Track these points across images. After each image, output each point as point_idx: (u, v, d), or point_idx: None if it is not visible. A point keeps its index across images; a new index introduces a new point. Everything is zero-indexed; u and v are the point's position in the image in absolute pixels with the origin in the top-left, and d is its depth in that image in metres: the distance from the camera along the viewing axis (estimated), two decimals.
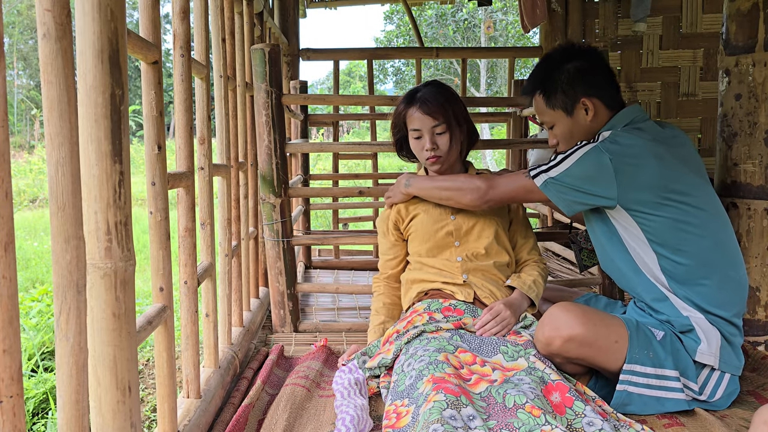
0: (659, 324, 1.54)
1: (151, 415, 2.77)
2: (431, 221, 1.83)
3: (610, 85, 1.63)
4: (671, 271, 1.52)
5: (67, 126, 0.80)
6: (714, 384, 1.49)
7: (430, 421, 1.20)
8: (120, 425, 0.95)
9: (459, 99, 1.85)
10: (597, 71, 1.62)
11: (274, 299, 2.20)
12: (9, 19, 25.72)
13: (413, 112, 1.78)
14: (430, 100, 1.76)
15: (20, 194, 10.47)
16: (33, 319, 3.73)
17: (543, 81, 1.65)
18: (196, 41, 1.61)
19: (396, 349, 1.60)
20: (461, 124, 1.81)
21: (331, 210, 4.54)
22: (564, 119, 1.64)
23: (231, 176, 1.89)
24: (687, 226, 1.50)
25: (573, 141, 1.65)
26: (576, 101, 1.61)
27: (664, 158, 1.51)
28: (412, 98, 1.80)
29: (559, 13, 3.81)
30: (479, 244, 1.81)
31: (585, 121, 1.62)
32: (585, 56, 1.63)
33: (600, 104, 1.61)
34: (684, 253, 1.50)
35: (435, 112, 1.75)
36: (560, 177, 1.54)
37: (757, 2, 1.83)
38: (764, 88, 1.82)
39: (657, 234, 1.51)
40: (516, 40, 19.16)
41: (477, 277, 1.77)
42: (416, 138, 1.79)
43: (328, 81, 33.40)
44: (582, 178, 1.52)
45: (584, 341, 1.45)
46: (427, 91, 1.80)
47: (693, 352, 1.48)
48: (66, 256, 0.80)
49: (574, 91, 1.60)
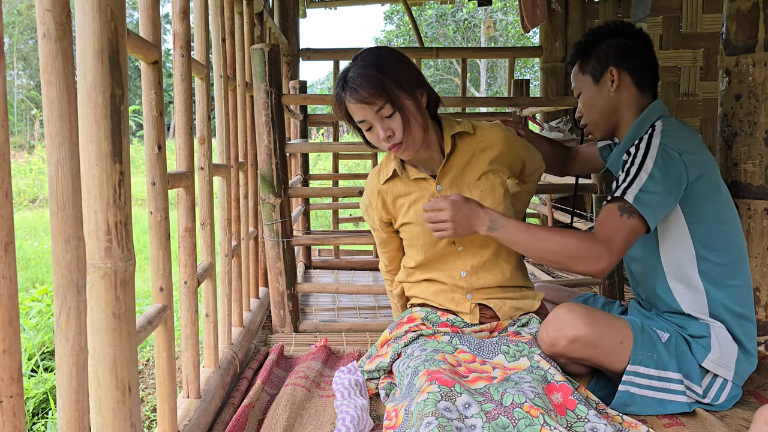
0: (666, 325, 1.53)
1: (151, 415, 2.77)
2: (427, 232, 1.57)
3: (647, 68, 1.60)
4: (707, 273, 1.50)
5: (67, 126, 0.80)
6: (718, 388, 1.49)
7: (425, 413, 1.18)
8: (120, 425, 0.95)
9: (399, 61, 1.48)
10: (637, 51, 1.60)
11: (274, 299, 2.20)
12: (9, 19, 25.72)
13: (349, 102, 1.46)
14: (360, 83, 1.42)
15: (20, 194, 10.48)
16: (33, 319, 3.73)
17: (584, 47, 1.64)
18: (196, 41, 1.61)
19: (393, 352, 1.57)
20: (412, 92, 1.47)
21: (331, 210, 4.54)
22: (590, 86, 1.62)
23: (231, 176, 1.89)
24: (723, 225, 1.51)
25: (594, 111, 1.63)
26: (605, 70, 1.59)
27: (708, 150, 1.52)
28: (343, 85, 1.47)
29: (559, 13, 3.81)
30: (486, 247, 1.60)
31: (608, 91, 1.60)
32: (632, 37, 1.60)
33: (628, 80, 1.59)
34: (720, 252, 1.50)
35: (371, 96, 1.42)
36: (645, 187, 1.43)
37: (757, 2, 1.82)
38: (764, 88, 1.82)
39: (701, 231, 1.50)
40: (516, 40, 19.16)
41: (482, 293, 1.61)
42: (367, 130, 1.50)
43: (328, 81, 33.39)
44: (664, 181, 1.43)
45: (589, 342, 1.45)
46: (355, 72, 1.44)
47: (701, 357, 1.48)
48: (66, 256, 0.80)
49: (606, 60, 1.59)
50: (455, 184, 1.59)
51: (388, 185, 1.64)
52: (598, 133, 1.67)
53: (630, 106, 1.60)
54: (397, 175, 1.63)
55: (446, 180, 1.60)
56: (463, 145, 1.61)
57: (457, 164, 1.60)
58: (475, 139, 1.61)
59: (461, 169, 1.60)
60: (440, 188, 1.60)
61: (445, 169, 1.60)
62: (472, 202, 1.48)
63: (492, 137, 1.61)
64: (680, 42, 3.86)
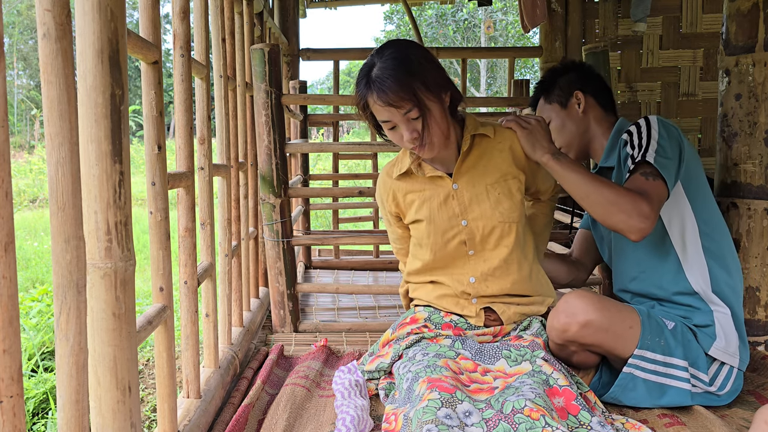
0: (670, 316, 1.56)
1: (151, 415, 2.77)
2: (438, 232, 1.56)
3: (605, 91, 1.77)
4: (709, 249, 1.57)
5: (67, 126, 0.80)
6: (725, 377, 1.51)
7: (424, 420, 1.17)
8: (120, 425, 0.95)
9: (426, 61, 1.44)
10: (594, 78, 1.78)
11: (274, 299, 2.20)
12: (9, 19, 25.72)
13: (374, 102, 1.42)
14: (389, 85, 1.38)
15: (20, 194, 10.48)
16: (33, 319, 3.73)
17: (545, 85, 1.81)
18: (196, 41, 1.61)
19: (394, 353, 1.57)
20: (438, 94, 1.44)
21: (331, 210, 4.54)
22: (558, 112, 1.77)
23: (231, 176, 1.89)
24: (714, 204, 1.62)
25: (565, 133, 1.76)
26: (570, 95, 1.75)
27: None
28: (367, 82, 1.42)
29: (559, 13, 3.81)
30: (498, 254, 1.56)
31: (578, 114, 1.74)
32: (584, 68, 1.81)
33: (592, 101, 1.75)
34: (718, 230, 1.59)
35: (400, 99, 1.38)
36: (659, 152, 1.50)
37: (757, 2, 1.82)
38: (764, 88, 1.82)
39: (701, 207, 1.58)
40: (516, 40, 19.17)
41: (489, 298, 1.59)
42: (390, 129, 1.47)
43: (328, 81, 33.39)
44: (671, 149, 1.52)
45: (600, 326, 1.46)
46: (382, 71, 1.40)
47: (707, 346, 1.51)
48: (66, 256, 0.80)
49: (569, 87, 1.75)
50: (472, 184, 1.57)
51: (401, 180, 1.62)
52: (572, 153, 1.78)
53: (599, 123, 1.75)
54: (411, 172, 1.61)
55: (463, 179, 1.57)
56: (481, 145, 1.59)
57: (474, 164, 1.58)
58: (493, 141, 1.59)
59: (479, 169, 1.58)
60: (456, 186, 1.57)
61: (461, 168, 1.57)
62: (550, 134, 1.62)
63: (509, 135, 1.60)
64: (680, 42, 3.86)
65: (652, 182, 1.46)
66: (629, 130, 1.59)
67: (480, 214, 1.55)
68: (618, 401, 1.51)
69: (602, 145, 1.74)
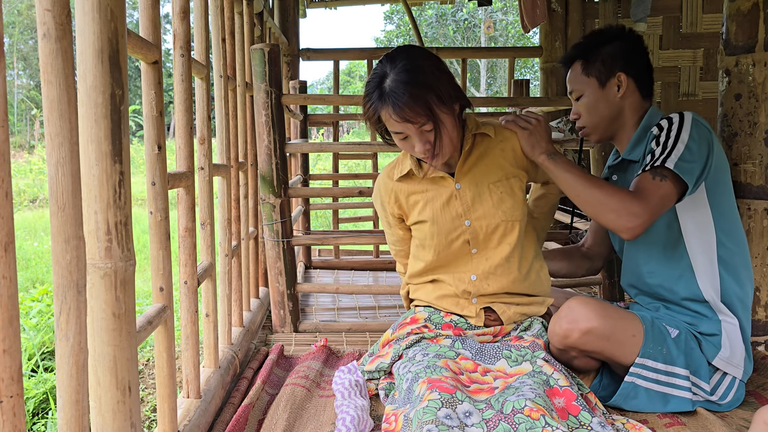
0: (676, 322, 1.53)
1: (151, 415, 2.77)
2: (442, 233, 1.56)
3: (647, 74, 1.63)
4: (724, 259, 1.52)
5: (67, 126, 0.80)
6: (726, 386, 1.49)
7: (424, 421, 1.18)
8: (120, 425, 0.95)
9: (440, 71, 1.44)
10: (640, 55, 1.62)
11: (274, 299, 2.20)
12: (9, 19, 25.72)
13: (388, 116, 1.42)
14: (405, 101, 1.37)
15: (20, 194, 10.48)
16: (33, 319, 3.73)
17: (586, 49, 1.64)
18: (196, 41, 1.61)
19: (394, 353, 1.57)
20: (451, 105, 1.44)
21: (331, 210, 4.54)
22: (595, 89, 1.62)
23: (231, 176, 1.89)
24: (737, 214, 1.56)
25: (596, 115, 1.63)
26: (612, 74, 1.60)
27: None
28: (381, 94, 1.41)
29: (559, 13, 3.81)
30: (500, 252, 1.57)
31: (615, 96, 1.61)
32: (632, 40, 1.63)
33: (633, 86, 1.61)
34: (736, 241, 1.54)
35: (416, 115, 1.39)
36: (683, 157, 1.44)
37: (757, 2, 1.82)
38: (764, 88, 1.82)
39: (721, 217, 1.53)
40: (516, 40, 19.17)
41: (488, 298, 1.59)
42: (402, 139, 1.47)
43: (328, 81, 33.39)
44: (699, 152, 1.46)
45: (602, 334, 1.45)
46: (396, 84, 1.39)
47: (711, 355, 1.48)
48: (66, 256, 0.80)
49: (613, 64, 1.60)
50: (474, 183, 1.57)
51: (403, 182, 1.62)
52: (595, 136, 1.68)
53: (633, 112, 1.62)
54: (413, 173, 1.61)
55: (465, 179, 1.58)
56: (482, 144, 1.59)
57: (475, 163, 1.58)
58: (494, 140, 1.60)
59: (480, 168, 1.58)
60: (459, 186, 1.57)
61: (463, 168, 1.58)
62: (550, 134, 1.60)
63: (509, 134, 1.61)
64: (680, 42, 3.86)
65: (657, 182, 1.43)
66: (660, 124, 1.52)
67: (483, 213, 1.56)
68: (620, 408, 1.51)
69: (629, 136, 1.64)
